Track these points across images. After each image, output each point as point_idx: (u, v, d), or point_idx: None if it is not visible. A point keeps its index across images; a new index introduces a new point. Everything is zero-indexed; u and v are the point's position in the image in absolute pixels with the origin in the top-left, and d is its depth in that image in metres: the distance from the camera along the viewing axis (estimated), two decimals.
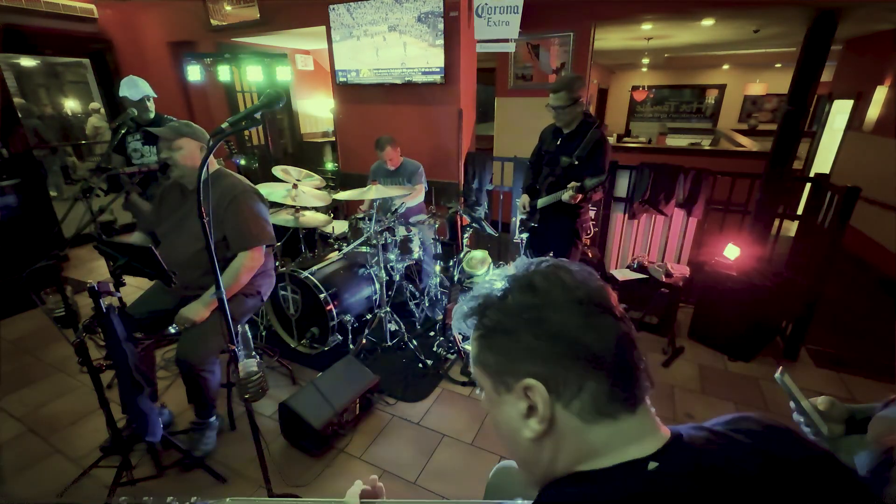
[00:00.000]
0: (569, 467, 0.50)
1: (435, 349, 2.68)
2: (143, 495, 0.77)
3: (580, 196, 2.16)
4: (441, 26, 3.21)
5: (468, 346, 2.44)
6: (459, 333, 0.58)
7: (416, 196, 3.24)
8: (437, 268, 3.11)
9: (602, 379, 0.48)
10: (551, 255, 0.59)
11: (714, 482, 0.46)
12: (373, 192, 2.59)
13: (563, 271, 0.53)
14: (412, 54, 3.37)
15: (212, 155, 1.85)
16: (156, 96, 2.85)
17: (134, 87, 2.73)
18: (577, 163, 2.29)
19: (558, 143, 2.42)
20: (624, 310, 0.52)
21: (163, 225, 1.97)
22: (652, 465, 0.47)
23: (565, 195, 2.18)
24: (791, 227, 3.05)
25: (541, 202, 2.43)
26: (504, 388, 0.52)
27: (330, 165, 5.24)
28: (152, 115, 2.84)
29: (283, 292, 2.60)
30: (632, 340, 0.50)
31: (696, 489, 0.45)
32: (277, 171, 2.82)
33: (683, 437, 0.51)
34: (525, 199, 2.56)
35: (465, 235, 2.92)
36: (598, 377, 0.48)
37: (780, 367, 0.98)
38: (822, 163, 5.51)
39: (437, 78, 3.33)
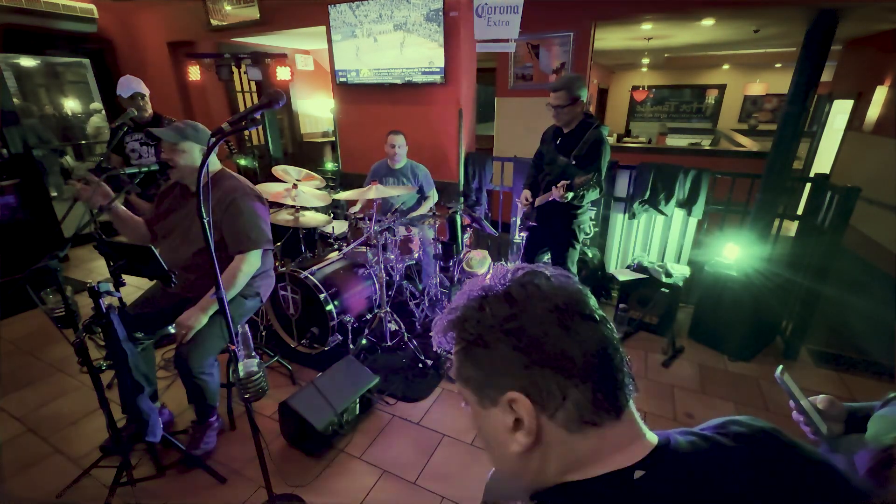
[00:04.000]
0: (557, 477, 0.50)
1: (435, 349, 2.67)
2: (143, 496, 0.77)
3: (570, 195, 2.15)
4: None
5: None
6: (440, 349, 0.56)
7: (429, 203, 3.26)
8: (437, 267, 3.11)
9: (585, 387, 0.47)
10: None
11: (700, 488, 0.46)
12: (373, 192, 2.59)
13: (540, 278, 0.51)
14: (414, 54, 3.36)
15: (215, 155, 1.84)
16: (148, 93, 2.83)
17: (126, 85, 2.72)
18: (573, 163, 2.29)
19: (557, 142, 2.42)
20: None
21: (161, 224, 1.96)
22: (638, 473, 0.47)
23: (556, 193, 2.17)
24: (791, 227, 3.05)
25: (537, 201, 2.44)
26: (489, 402, 0.51)
27: (330, 165, 5.24)
28: (147, 114, 2.83)
29: (283, 292, 2.60)
30: (614, 344, 0.49)
31: (681, 497, 0.45)
32: (277, 171, 2.82)
33: (670, 442, 0.50)
34: (527, 192, 2.55)
35: (465, 235, 2.92)
36: (580, 385, 0.47)
37: (780, 367, 0.98)
38: (822, 163, 5.51)
39: (437, 78, 3.32)
